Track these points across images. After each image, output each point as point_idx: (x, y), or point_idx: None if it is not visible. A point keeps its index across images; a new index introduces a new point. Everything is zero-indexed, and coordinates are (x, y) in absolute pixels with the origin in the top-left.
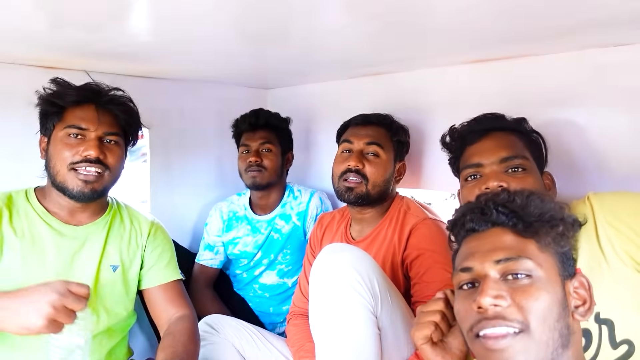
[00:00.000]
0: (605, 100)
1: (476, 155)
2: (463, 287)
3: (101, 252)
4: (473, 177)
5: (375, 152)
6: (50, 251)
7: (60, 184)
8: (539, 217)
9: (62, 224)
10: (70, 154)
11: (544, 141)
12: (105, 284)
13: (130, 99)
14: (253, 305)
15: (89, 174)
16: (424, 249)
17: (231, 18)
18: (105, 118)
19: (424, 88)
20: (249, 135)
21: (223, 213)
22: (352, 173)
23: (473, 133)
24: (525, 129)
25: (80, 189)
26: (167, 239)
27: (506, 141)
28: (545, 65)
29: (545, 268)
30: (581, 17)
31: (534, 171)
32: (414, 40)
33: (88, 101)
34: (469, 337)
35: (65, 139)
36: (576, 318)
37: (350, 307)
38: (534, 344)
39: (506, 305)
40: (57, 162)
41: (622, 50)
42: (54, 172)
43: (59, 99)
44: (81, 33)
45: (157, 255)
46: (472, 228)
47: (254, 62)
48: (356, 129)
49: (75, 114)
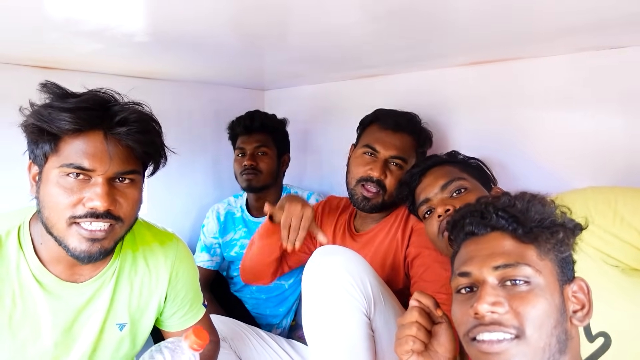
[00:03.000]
0: (601, 102)
1: (422, 193)
2: (461, 291)
3: (106, 310)
4: (428, 213)
5: (400, 164)
6: (45, 320)
7: (59, 240)
8: (539, 222)
9: (59, 283)
10: (70, 204)
11: (483, 162)
12: (108, 344)
13: (152, 117)
14: (249, 306)
15: (95, 229)
16: (424, 248)
17: (228, 18)
18: (118, 151)
19: (422, 90)
20: (244, 138)
21: (220, 215)
22: (372, 183)
23: (414, 176)
24: (458, 159)
25: (85, 248)
26: (190, 272)
27: (442, 172)
28: (541, 68)
29: (544, 274)
30: (577, 20)
31: (476, 188)
32: (413, 42)
33: (93, 127)
34: (465, 340)
35: (62, 180)
36: (574, 323)
37: (343, 310)
38: (530, 350)
39: (503, 312)
40: (51, 213)
41: (617, 53)
42: (49, 224)
43: (50, 124)
44: (76, 32)
45: (179, 301)
46: (471, 231)
47: (252, 63)
48: (384, 134)
49: (76, 147)
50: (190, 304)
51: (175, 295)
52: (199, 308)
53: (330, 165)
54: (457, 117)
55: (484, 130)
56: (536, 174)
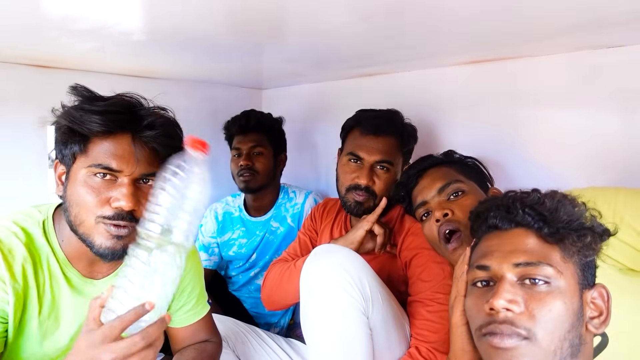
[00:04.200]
0: (599, 101)
1: (419, 195)
2: (477, 285)
3: None
4: (425, 215)
5: (386, 167)
6: (66, 314)
7: (84, 236)
8: (567, 224)
9: (81, 279)
10: (98, 202)
11: (480, 162)
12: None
13: (176, 122)
14: (248, 305)
15: (121, 227)
16: (420, 248)
17: (226, 17)
18: (144, 153)
19: (420, 89)
20: (240, 138)
21: (218, 214)
22: (361, 191)
23: (411, 178)
24: (454, 159)
25: (110, 245)
26: (197, 267)
27: (439, 174)
28: (539, 67)
29: (565, 277)
30: (575, 18)
31: (474, 191)
32: (410, 42)
33: (122, 130)
34: (476, 335)
35: (89, 179)
36: (590, 330)
37: (340, 308)
38: (540, 352)
39: (519, 311)
40: (80, 210)
41: (616, 51)
42: (77, 222)
43: (81, 125)
44: (73, 31)
45: (186, 296)
46: (494, 225)
47: (249, 62)
48: (366, 140)
49: (104, 148)
50: (197, 299)
51: (182, 289)
52: (204, 305)
53: (328, 164)
54: (455, 116)
55: (481, 129)
56: (534, 173)
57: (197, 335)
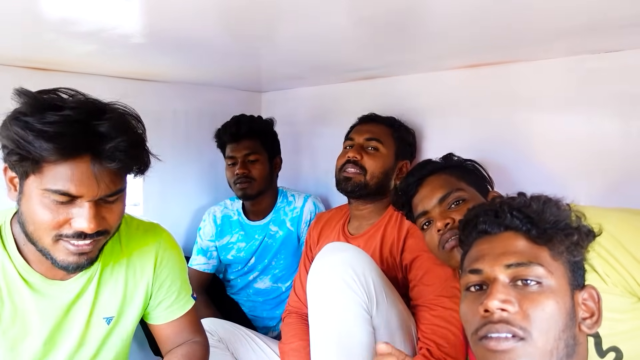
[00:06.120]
0: (596, 106)
1: (420, 205)
2: (470, 289)
3: (91, 305)
4: (427, 224)
5: (375, 146)
6: (33, 318)
7: (44, 252)
8: (554, 224)
9: (45, 282)
10: (56, 223)
11: (479, 164)
12: (94, 340)
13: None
14: (246, 309)
15: (83, 244)
16: (422, 251)
17: (224, 20)
18: (106, 172)
19: (418, 92)
20: (232, 146)
21: (217, 217)
22: (350, 164)
23: (411, 186)
24: (454, 163)
25: (73, 261)
26: (176, 260)
27: (439, 182)
28: (537, 71)
29: (556, 276)
30: (572, 23)
31: (474, 197)
32: (409, 45)
33: (79, 153)
34: (473, 339)
35: (45, 200)
36: (583, 330)
37: (343, 303)
38: (537, 352)
39: (513, 311)
40: (36, 230)
41: (613, 56)
42: (34, 238)
43: (31, 152)
44: (72, 33)
45: (165, 289)
46: (484, 230)
47: (248, 65)
48: (359, 126)
49: (61, 173)
50: (177, 294)
51: (160, 284)
52: (187, 300)
53: (327, 167)
54: (453, 120)
55: (479, 133)
56: (532, 176)
57: (180, 334)
